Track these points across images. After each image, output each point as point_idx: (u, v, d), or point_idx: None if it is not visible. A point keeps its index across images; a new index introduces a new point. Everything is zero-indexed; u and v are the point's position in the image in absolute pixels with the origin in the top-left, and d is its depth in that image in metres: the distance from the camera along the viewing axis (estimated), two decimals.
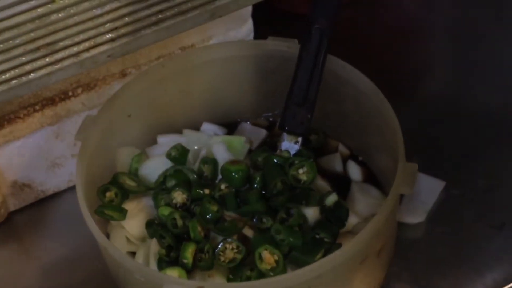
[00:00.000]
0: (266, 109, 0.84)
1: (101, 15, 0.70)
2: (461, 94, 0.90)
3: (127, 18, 0.71)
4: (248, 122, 0.84)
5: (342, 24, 0.75)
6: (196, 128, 0.82)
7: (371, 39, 0.97)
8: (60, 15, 0.69)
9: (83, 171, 0.70)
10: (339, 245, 0.67)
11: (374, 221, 0.64)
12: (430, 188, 0.79)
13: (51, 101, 0.78)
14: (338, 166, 0.79)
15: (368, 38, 0.97)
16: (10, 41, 0.68)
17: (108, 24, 0.70)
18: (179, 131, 0.81)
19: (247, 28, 0.85)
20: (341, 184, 0.77)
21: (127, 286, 0.69)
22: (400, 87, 0.89)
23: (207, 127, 0.82)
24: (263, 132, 0.83)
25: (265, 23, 0.88)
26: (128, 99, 0.76)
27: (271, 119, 0.84)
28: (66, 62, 0.69)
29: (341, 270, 0.64)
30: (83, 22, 0.70)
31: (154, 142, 0.80)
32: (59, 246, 0.79)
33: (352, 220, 0.72)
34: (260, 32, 0.86)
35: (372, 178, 0.78)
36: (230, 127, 0.83)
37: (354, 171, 0.78)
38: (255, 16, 0.86)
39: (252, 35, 0.86)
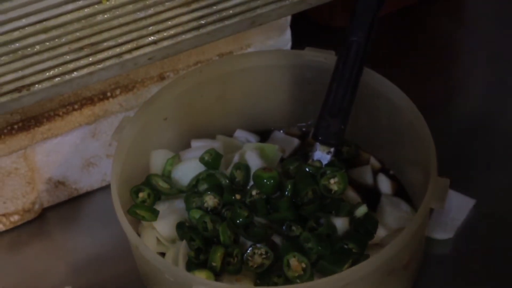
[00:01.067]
0: (300, 119, 0.83)
1: (145, 18, 0.71)
2: (495, 112, 0.89)
3: (169, 22, 0.71)
4: (282, 131, 0.83)
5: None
6: (230, 134, 0.82)
7: (406, 54, 0.96)
8: (105, 16, 0.70)
9: (118, 171, 0.70)
10: (367, 256, 0.67)
11: (403, 234, 0.63)
12: (460, 205, 0.78)
13: (90, 101, 0.78)
14: (369, 179, 0.78)
15: (403, 53, 0.97)
16: (56, 40, 0.69)
17: (151, 27, 0.71)
18: (212, 137, 0.81)
19: (285, 38, 0.85)
20: (371, 196, 0.76)
21: (156, 286, 0.69)
22: (433, 103, 0.88)
23: (240, 134, 0.82)
24: (295, 141, 0.82)
25: (302, 35, 0.87)
26: (165, 102, 0.76)
27: (304, 129, 0.84)
28: (108, 63, 0.69)
29: (368, 280, 0.64)
30: (127, 24, 0.70)
31: (188, 146, 0.80)
32: (90, 244, 0.80)
33: (381, 232, 0.71)
34: (297, 43, 0.86)
35: (402, 192, 0.77)
36: (263, 135, 0.83)
37: (385, 184, 0.78)
38: (293, 27, 0.86)
39: (289, 45, 0.86)
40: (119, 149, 0.72)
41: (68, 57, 0.69)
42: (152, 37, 0.71)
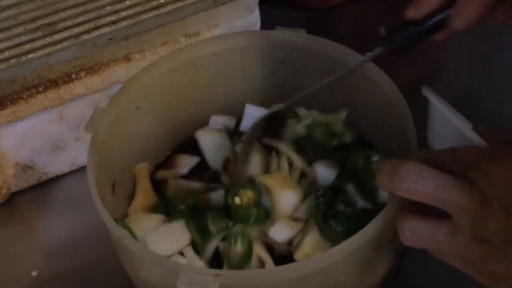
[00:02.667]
0: (275, 100, 0.77)
1: None
2: (477, 91, 0.85)
3: (128, 1, 0.70)
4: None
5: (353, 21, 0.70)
6: (205, 120, 0.78)
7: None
8: None
9: (94, 164, 0.66)
10: None
11: (387, 209, 0.59)
12: None
13: (54, 83, 0.74)
14: None
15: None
16: (10, 20, 0.68)
17: (108, 7, 0.69)
18: (188, 122, 0.77)
19: (253, 17, 0.81)
20: None
21: (141, 275, 0.63)
22: (415, 83, 0.84)
23: (215, 119, 0.78)
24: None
25: (271, 14, 0.83)
26: (136, 92, 0.72)
27: None
28: (65, 43, 0.67)
29: (354, 257, 0.59)
30: (84, 3, 0.69)
31: (163, 134, 0.77)
32: (60, 228, 0.76)
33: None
34: (266, 23, 0.81)
35: None
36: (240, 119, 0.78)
37: None
38: (262, 6, 0.82)
39: (259, 24, 0.82)
40: (93, 141, 0.67)
41: (23, 37, 0.67)
42: (111, 17, 0.69)
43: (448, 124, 0.62)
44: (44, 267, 0.72)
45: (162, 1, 0.69)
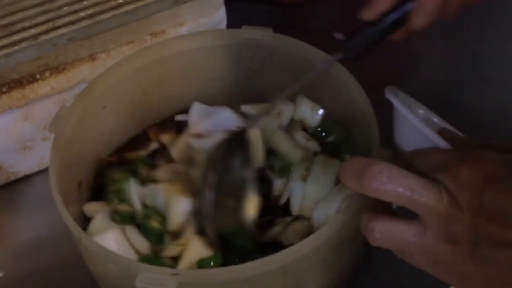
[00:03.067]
0: (244, 99, 0.77)
1: None
2: (448, 91, 0.85)
3: (86, 2, 0.69)
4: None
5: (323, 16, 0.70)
6: (173, 118, 0.77)
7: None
8: None
9: (56, 163, 0.65)
10: None
11: (349, 207, 0.59)
12: None
13: (18, 84, 0.73)
14: None
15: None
16: None
17: (66, 7, 0.69)
18: (155, 121, 0.77)
19: (219, 15, 0.80)
20: None
21: (102, 274, 0.64)
22: (389, 77, 0.85)
23: (183, 118, 0.76)
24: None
25: (238, 11, 0.83)
26: (103, 90, 0.72)
27: None
28: (23, 44, 0.67)
29: (315, 255, 0.59)
30: (41, 4, 0.68)
31: (130, 132, 0.76)
32: (29, 228, 0.75)
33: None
34: (233, 21, 0.81)
35: None
36: None
37: None
38: (228, 4, 0.81)
39: (225, 22, 0.82)
40: (56, 140, 0.66)
41: None
42: (69, 17, 0.68)
43: (413, 127, 0.62)
44: (11, 268, 0.71)
45: (121, 1, 0.69)
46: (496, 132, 0.79)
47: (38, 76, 0.74)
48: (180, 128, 0.74)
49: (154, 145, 0.74)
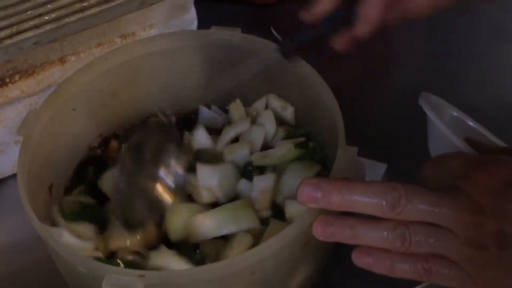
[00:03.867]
0: (215, 99, 0.78)
1: (23, 1, 0.68)
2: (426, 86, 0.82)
3: (49, 5, 0.69)
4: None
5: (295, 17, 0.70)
6: (144, 119, 0.76)
7: None
8: None
9: (24, 167, 0.65)
10: None
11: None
12: (373, 172, 0.74)
13: None
14: None
15: None
16: None
17: (30, 11, 0.68)
18: (126, 123, 0.76)
19: (189, 17, 0.80)
20: None
21: (71, 276, 0.64)
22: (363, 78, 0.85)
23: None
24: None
25: (210, 11, 0.84)
26: (72, 93, 0.71)
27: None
28: None
29: (283, 254, 0.59)
30: (5, 8, 0.67)
31: (100, 135, 0.76)
32: (3, 231, 0.75)
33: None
34: (203, 21, 0.81)
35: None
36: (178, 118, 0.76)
37: None
38: (200, 2, 0.81)
39: (195, 23, 0.82)
40: (24, 143, 0.66)
41: None
42: (34, 21, 0.68)
43: (441, 133, 0.64)
44: None
45: (86, 4, 0.68)
46: None
47: (7, 80, 0.73)
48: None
49: None
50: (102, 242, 0.65)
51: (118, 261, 0.62)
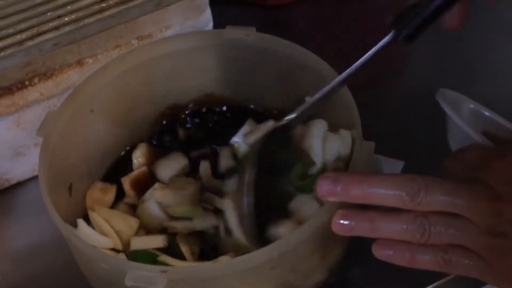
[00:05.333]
0: (229, 99, 0.78)
1: (42, 3, 0.68)
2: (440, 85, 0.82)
3: (69, 7, 0.69)
4: None
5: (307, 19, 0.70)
6: (160, 121, 0.77)
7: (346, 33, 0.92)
8: None
9: (45, 167, 0.65)
10: None
11: None
12: (390, 169, 0.74)
13: (8, 91, 0.73)
14: None
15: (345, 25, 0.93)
16: None
17: (50, 13, 0.68)
18: (143, 125, 0.77)
19: (205, 18, 0.81)
20: None
21: (93, 274, 0.64)
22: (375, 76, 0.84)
23: None
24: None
25: (224, 13, 0.83)
26: (90, 94, 0.72)
27: None
28: (9, 51, 0.66)
29: (301, 249, 0.59)
30: (24, 10, 0.68)
31: (119, 135, 0.76)
32: (24, 233, 0.75)
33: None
34: (219, 22, 0.81)
35: None
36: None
37: None
38: (214, 6, 0.81)
39: (211, 24, 0.82)
40: (44, 144, 0.67)
41: None
42: (53, 23, 0.68)
43: (460, 128, 0.65)
44: (6, 273, 0.72)
45: (104, 5, 0.69)
46: None
47: (27, 83, 0.74)
48: None
49: None
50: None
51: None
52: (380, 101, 0.74)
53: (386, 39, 0.63)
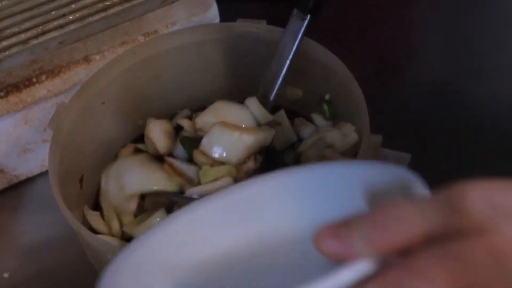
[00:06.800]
0: (239, 93, 0.77)
1: (47, 2, 0.69)
2: (448, 78, 0.85)
3: (73, 5, 0.70)
4: None
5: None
6: (170, 114, 0.77)
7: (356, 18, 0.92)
8: (3, 2, 0.68)
9: (55, 160, 0.66)
10: None
11: None
12: (397, 162, 0.74)
13: (15, 88, 0.74)
14: None
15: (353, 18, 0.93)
16: None
17: (54, 12, 0.69)
18: (154, 116, 0.76)
19: (212, 13, 0.81)
20: None
21: (103, 267, 0.62)
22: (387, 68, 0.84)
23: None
24: None
25: (232, 7, 0.83)
26: (100, 87, 0.72)
27: None
28: (14, 49, 0.68)
29: None
30: (29, 9, 0.69)
31: (128, 128, 0.76)
32: (33, 229, 0.76)
33: None
34: (226, 18, 0.81)
35: None
36: None
37: None
38: (220, 1, 0.82)
39: (218, 20, 0.82)
40: (55, 137, 0.67)
41: None
42: (58, 21, 0.69)
43: None
44: (16, 269, 0.72)
45: (109, 3, 0.69)
46: (494, 122, 0.79)
47: (34, 80, 0.74)
48: None
49: None
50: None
51: None
52: (387, 95, 0.73)
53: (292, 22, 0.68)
